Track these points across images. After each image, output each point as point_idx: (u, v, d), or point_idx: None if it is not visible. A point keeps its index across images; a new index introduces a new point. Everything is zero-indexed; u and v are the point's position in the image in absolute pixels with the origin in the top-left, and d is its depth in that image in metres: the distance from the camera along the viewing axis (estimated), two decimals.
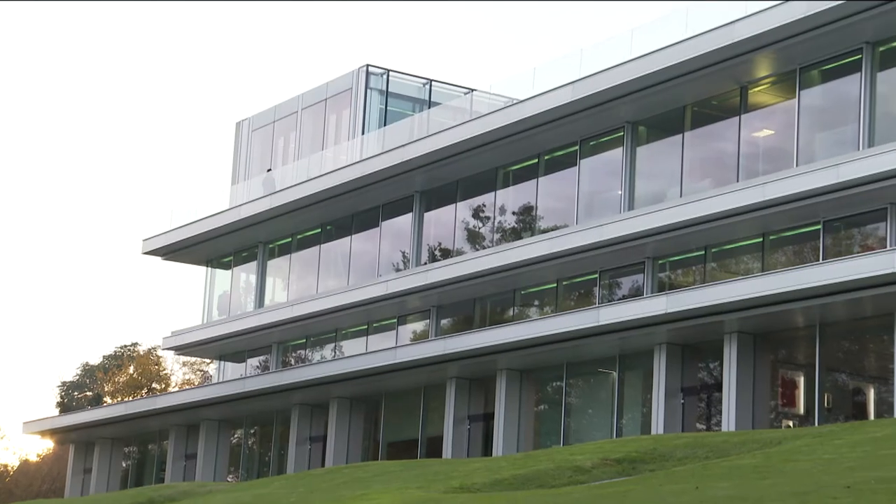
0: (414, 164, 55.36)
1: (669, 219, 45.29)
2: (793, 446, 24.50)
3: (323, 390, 59.11)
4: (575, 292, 51.30)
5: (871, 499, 15.46)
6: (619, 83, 46.33)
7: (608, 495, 21.59)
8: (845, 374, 42.41)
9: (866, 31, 40.64)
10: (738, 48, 42.85)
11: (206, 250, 69.03)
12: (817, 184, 40.82)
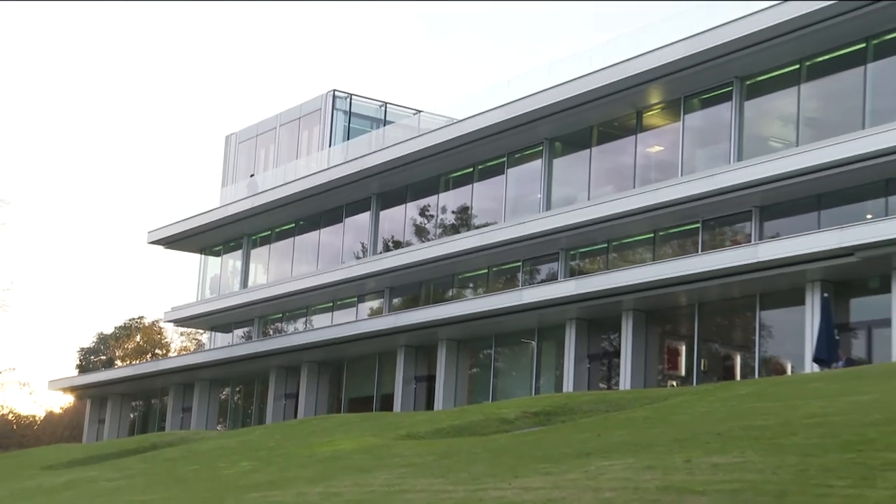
0: (371, 172, 55.37)
1: (579, 217, 45.54)
2: (676, 402, 24.65)
3: (296, 356, 59.05)
4: (502, 277, 51.38)
5: (737, 443, 15.63)
6: (540, 107, 46.47)
7: (527, 441, 21.74)
8: (717, 343, 42.74)
9: (736, 67, 41.04)
10: (634, 80, 43.16)
11: (200, 241, 68.73)
12: (697, 190, 41.21)
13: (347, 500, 16.67)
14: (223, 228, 66.05)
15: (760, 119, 42.12)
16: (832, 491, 11.58)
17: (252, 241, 66.59)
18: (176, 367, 69.18)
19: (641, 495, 12.94)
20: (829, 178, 37.68)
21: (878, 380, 22.04)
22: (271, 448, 29.41)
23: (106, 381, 73.97)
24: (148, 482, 26.70)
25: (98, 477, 30.52)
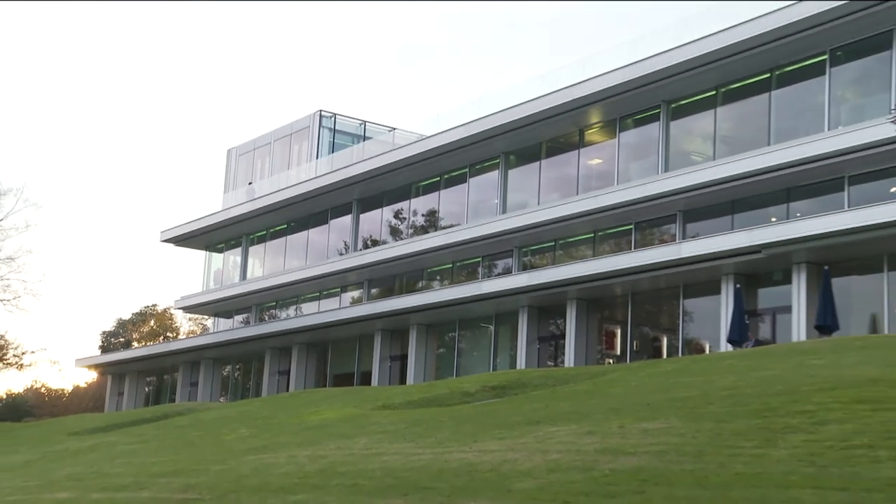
0: (353, 181, 55.28)
1: (530, 220, 45.61)
2: (612, 377, 24.73)
3: (287, 338, 58.88)
4: (464, 271, 51.35)
5: (663, 412, 15.70)
6: (497, 125, 46.48)
7: (486, 411, 21.79)
8: (647, 327, 42.83)
9: (663, 93, 41.17)
10: (577, 103, 43.23)
11: (205, 239, 68.46)
12: (630, 197, 41.35)
13: (331, 462, 16.69)
14: (225, 229, 65.85)
15: (683, 136, 42.27)
16: (742, 451, 11.70)
17: (250, 240, 66.36)
18: (184, 347, 69.01)
19: (583, 456, 13.02)
20: (741, 186, 37.93)
21: (780, 358, 22.20)
22: (266, 417, 29.39)
23: (124, 360, 73.67)
24: (160, 446, 26.65)
25: (117, 441, 30.45)
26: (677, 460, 11.80)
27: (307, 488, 14.65)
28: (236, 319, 68.00)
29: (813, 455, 10.90)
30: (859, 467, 10.07)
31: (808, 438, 11.74)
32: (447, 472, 13.70)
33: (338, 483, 14.62)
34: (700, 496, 9.99)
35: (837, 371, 17.34)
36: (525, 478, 12.32)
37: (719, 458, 11.51)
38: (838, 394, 14.38)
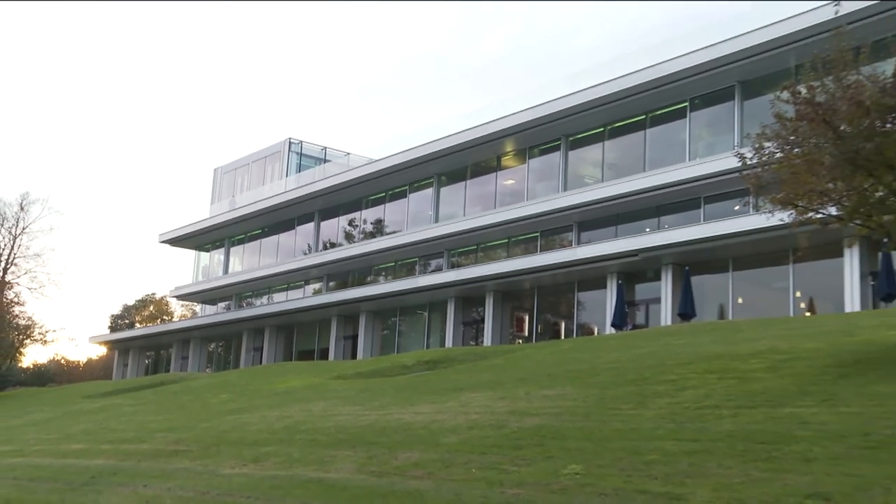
0: (315, 195, 54.94)
1: (457, 228, 45.59)
2: (521, 354, 24.85)
3: (261, 321, 58.38)
4: (405, 268, 51.22)
5: (560, 381, 15.82)
6: (432, 152, 46.38)
7: (420, 380, 21.82)
8: (549, 314, 42.88)
9: (562, 128, 41.33)
10: (495, 136, 43.25)
11: (195, 241, 67.63)
12: (537, 210, 41.48)
13: (295, 421, 16.64)
14: (211, 233, 65.15)
15: (578, 163, 42.46)
16: (620, 412, 11.84)
17: (231, 242, 65.68)
18: (177, 328, 68.24)
19: (496, 417, 13.09)
20: (623, 203, 38.24)
21: (651, 338, 22.44)
22: (243, 385, 29.19)
23: (128, 338, 72.84)
24: (157, 408, 26.42)
25: (122, 403, 30.15)
26: (570, 419, 11.91)
27: (275, 442, 14.61)
28: (219, 306, 67.28)
29: (674, 414, 11.06)
30: (707, 423, 10.26)
31: (671, 401, 11.91)
32: (388, 429, 13.72)
33: (300, 438, 14.59)
34: (587, 447, 10.10)
35: (694, 349, 17.59)
36: (450, 434, 12.37)
37: (602, 417, 11.64)
38: (694, 366, 14.59)
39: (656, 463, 8.90)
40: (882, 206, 13.36)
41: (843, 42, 13.55)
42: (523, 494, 8.70)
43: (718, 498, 7.53)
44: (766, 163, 13.99)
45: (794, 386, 11.56)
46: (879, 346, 13.71)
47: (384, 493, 9.85)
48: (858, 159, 12.77)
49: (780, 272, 33.51)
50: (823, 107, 13.03)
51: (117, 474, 14.80)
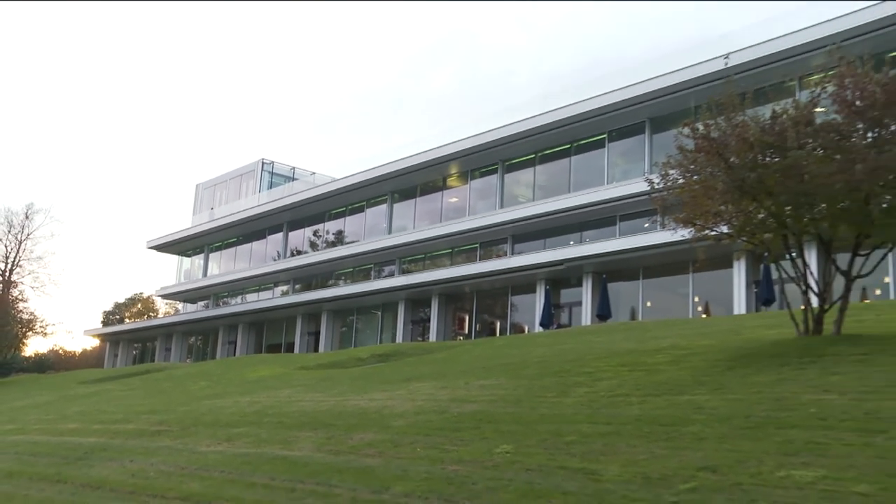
0: (284, 209, 54.60)
1: (408, 239, 45.63)
2: (461, 349, 24.88)
3: (235, 318, 57.86)
4: (361, 273, 51.06)
5: (495, 373, 15.86)
6: (387, 172, 46.39)
7: (373, 371, 21.75)
8: (487, 314, 43.05)
9: (500, 154, 41.62)
10: (442, 160, 43.45)
11: (178, 247, 66.79)
12: (477, 225, 41.67)
13: (264, 406, 16.51)
14: (193, 240, 64.41)
15: (513, 184, 42.78)
16: (546, 399, 11.90)
17: (210, 248, 64.97)
18: (161, 323, 67.34)
19: (439, 403, 13.10)
20: (551, 220, 38.53)
21: (574, 336, 22.60)
22: (219, 374, 28.88)
23: (119, 332, 71.92)
24: (144, 392, 26.05)
25: (112, 389, 29.70)
26: (503, 406, 11.96)
27: (246, 424, 14.49)
28: (199, 304, 66.50)
29: (591, 401, 11.14)
30: (619, 409, 10.35)
31: (588, 390, 11.99)
32: (345, 413, 13.68)
33: (268, 420, 14.49)
34: (517, 430, 10.15)
35: (609, 345, 17.73)
36: (399, 418, 12.36)
37: (530, 404, 11.70)
38: (609, 360, 14.71)
39: (575, 443, 8.97)
40: (763, 226, 13.66)
41: (732, 89, 13.86)
42: (461, 470, 8.74)
43: (626, 472, 7.62)
44: (671, 188, 14.21)
45: (691, 377, 11.70)
46: (760, 343, 13.97)
47: (341, 468, 9.83)
48: (745, 186, 13.03)
49: (681, 280, 33.99)
50: (717, 142, 13.28)
51: (107, 450, 14.62)
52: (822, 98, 13.27)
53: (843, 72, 13.09)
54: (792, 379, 10.27)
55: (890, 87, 12.67)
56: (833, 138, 12.69)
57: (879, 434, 7.39)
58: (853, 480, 6.36)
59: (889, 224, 12.83)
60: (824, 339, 12.92)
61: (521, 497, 7.46)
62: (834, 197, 12.61)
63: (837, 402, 8.73)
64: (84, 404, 24.86)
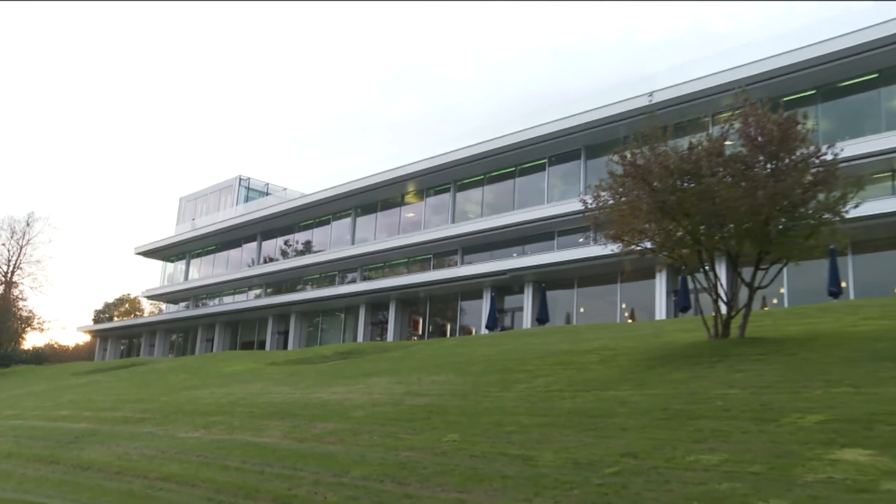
0: (258, 221, 54.04)
1: (369, 249, 45.35)
2: (415, 348, 24.86)
3: (213, 318, 57.00)
4: (327, 279, 50.73)
5: (445, 370, 15.88)
6: (351, 189, 46.16)
7: (336, 367, 21.63)
8: (438, 318, 42.95)
9: (452, 175, 41.65)
10: (400, 179, 43.30)
11: (163, 253, 65.63)
12: (431, 237, 41.63)
13: (237, 397, 16.37)
14: (176, 247, 63.39)
15: (464, 202, 42.82)
16: (489, 394, 11.97)
17: (191, 255, 63.92)
18: (146, 322, 66.05)
19: (395, 396, 13.11)
20: (497, 234, 38.67)
21: (515, 338, 22.73)
22: (197, 368, 28.51)
23: (108, 328, 70.62)
24: (130, 384, 25.64)
25: (102, 380, 29.22)
26: (451, 399, 12.00)
27: (221, 413, 14.36)
28: (180, 305, 65.37)
29: (529, 396, 11.23)
30: (554, 403, 10.44)
31: (528, 386, 12.08)
32: (310, 405, 13.62)
33: (240, 410, 14.37)
34: (464, 420, 10.20)
35: (546, 346, 17.84)
36: (358, 409, 12.35)
37: (476, 398, 11.75)
38: (546, 360, 14.83)
39: (515, 433, 9.04)
40: (681, 242, 13.90)
41: (656, 122, 14.11)
42: (413, 456, 8.77)
43: (559, 458, 7.70)
44: (602, 207, 14.38)
45: (617, 375, 11.84)
46: (677, 345, 14.20)
47: (305, 454, 9.80)
48: (666, 208, 13.25)
49: (611, 289, 34.32)
50: (642, 168, 13.50)
51: (96, 435, 14.44)
52: (731, 133, 13.62)
53: (747, 112, 13.45)
54: (703, 376, 10.47)
55: (785, 126, 13.09)
56: (739, 168, 13.03)
57: (772, 422, 7.60)
58: (749, 462, 6.53)
59: (784, 242, 13.19)
60: (731, 342, 13.19)
61: (466, 480, 7.51)
62: (740, 218, 12.93)
63: (739, 396, 8.93)
64: (76, 393, 24.49)
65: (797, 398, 8.42)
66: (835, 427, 7.11)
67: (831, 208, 12.93)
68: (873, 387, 8.40)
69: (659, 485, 6.39)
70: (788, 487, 5.83)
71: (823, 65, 28.39)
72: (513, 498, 6.77)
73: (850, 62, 28.04)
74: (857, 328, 13.55)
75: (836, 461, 6.22)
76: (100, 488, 10.41)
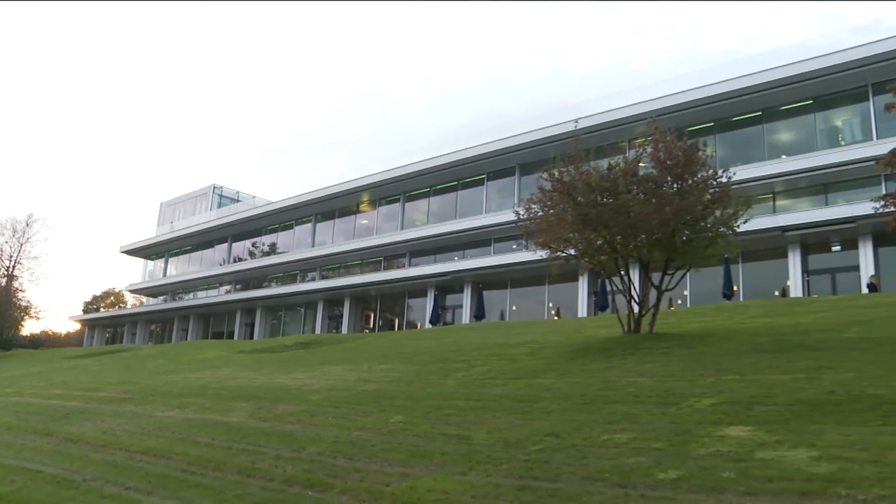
0: (229, 225, 53.20)
1: (327, 251, 44.97)
2: (367, 340, 24.73)
3: (188, 310, 55.82)
4: (289, 278, 50.15)
5: (393, 359, 15.83)
6: (312, 198, 45.83)
7: (296, 356, 21.36)
8: (388, 313, 42.86)
9: (402, 187, 41.56)
10: (356, 190, 43.12)
11: (145, 252, 64.02)
12: (382, 242, 41.49)
13: (208, 381, 16.07)
14: (156, 247, 61.97)
15: (413, 211, 42.80)
16: (431, 381, 11.96)
17: (170, 254, 62.51)
18: (129, 313, 64.70)
19: (348, 382, 13.01)
20: (441, 240, 38.71)
21: (455, 332, 22.78)
22: (173, 355, 27.89)
23: (95, 318, 69.17)
24: (114, 367, 25.02)
25: (90, 364, 28.51)
26: (397, 386, 11.96)
27: (193, 395, 14.09)
28: (160, 298, 63.91)
29: (466, 383, 11.25)
30: (488, 389, 10.47)
31: (465, 375, 12.09)
32: (272, 389, 13.44)
33: (210, 392, 14.12)
34: (408, 404, 10.17)
35: (482, 340, 17.89)
36: (315, 393, 12.23)
37: (420, 385, 11.73)
38: (482, 351, 14.87)
39: (452, 415, 9.04)
40: (600, 250, 14.09)
41: (580, 145, 14.29)
42: (363, 435, 8.73)
43: (491, 437, 7.73)
44: (532, 218, 14.46)
45: (544, 365, 11.93)
46: (595, 339, 14.39)
47: (267, 432, 9.67)
48: (587, 220, 13.42)
49: (540, 290, 34.68)
50: (568, 185, 13.64)
51: (84, 412, 14.16)
52: (644, 156, 13.89)
53: (657, 138, 13.75)
54: (617, 367, 10.63)
55: (688, 151, 13.42)
56: (650, 186, 13.29)
57: (673, 406, 7.77)
58: (653, 440, 6.66)
59: (687, 251, 13.50)
60: (641, 337, 13.43)
61: (410, 457, 7.50)
62: (651, 230, 13.18)
63: (647, 384, 9.10)
64: (67, 375, 24.02)
65: (694, 385, 8.62)
66: (723, 409, 7.32)
67: (726, 223, 13.30)
68: (755, 374, 8.67)
69: (577, 460, 6.47)
70: (684, 460, 5.98)
71: (720, 102, 29.27)
72: (450, 472, 6.78)
73: (740, 101, 28.97)
74: (744, 325, 13.93)
75: (723, 437, 6.40)
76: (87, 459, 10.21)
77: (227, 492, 7.44)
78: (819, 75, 26.88)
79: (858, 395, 7.14)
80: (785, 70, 27.39)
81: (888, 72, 24.80)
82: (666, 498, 5.33)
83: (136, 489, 8.24)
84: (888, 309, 13.86)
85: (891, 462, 5.29)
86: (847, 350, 9.51)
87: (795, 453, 5.71)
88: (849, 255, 26.27)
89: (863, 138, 27.03)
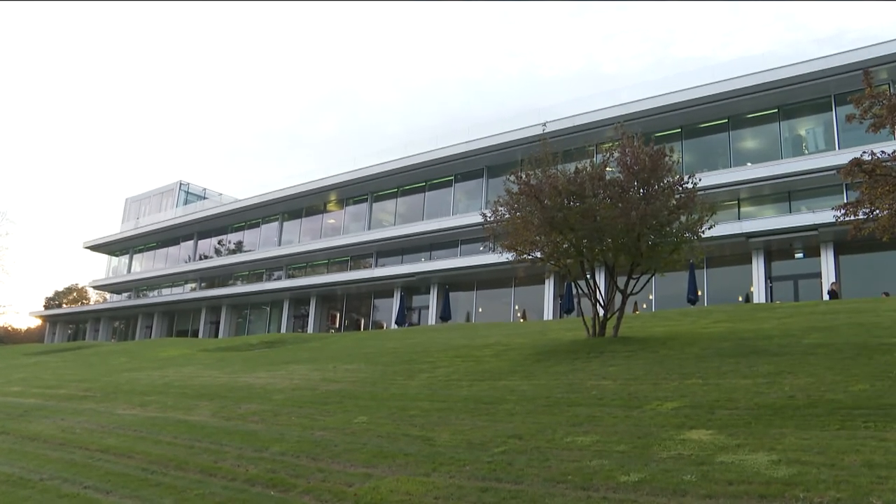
0: (195, 222, 52.48)
1: (294, 250, 44.65)
2: (332, 339, 24.62)
3: (152, 308, 54.90)
4: (255, 276, 49.62)
5: (357, 359, 15.76)
6: (279, 197, 45.46)
7: (261, 355, 21.18)
8: (354, 313, 42.65)
9: (370, 188, 41.44)
10: (323, 190, 42.90)
11: (109, 248, 62.85)
12: (349, 241, 41.32)
13: (171, 379, 15.85)
14: (121, 243, 60.89)
15: (380, 212, 42.71)
16: (396, 382, 11.95)
17: (135, 250, 61.49)
18: (92, 309, 63.49)
19: (312, 382, 12.94)
20: (407, 241, 38.69)
21: (421, 333, 22.79)
22: (136, 352, 27.45)
23: (57, 314, 67.71)
24: (75, 364, 24.54)
25: (50, 360, 27.90)
26: (362, 386, 11.93)
27: (156, 393, 13.88)
28: (123, 295, 62.83)
29: (431, 384, 11.25)
30: (452, 390, 10.49)
31: (430, 376, 12.10)
32: (236, 388, 13.30)
33: (174, 391, 13.92)
34: (372, 405, 10.15)
35: (448, 341, 17.94)
36: (279, 393, 12.13)
37: (384, 385, 11.71)
38: (447, 353, 14.90)
39: (417, 416, 9.03)
40: (567, 253, 14.21)
41: (548, 149, 14.40)
42: (326, 435, 8.68)
43: (455, 438, 7.74)
44: (499, 221, 14.52)
45: (509, 367, 11.98)
46: (560, 342, 14.51)
47: (230, 431, 9.56)
48: (554, 223, 13.53)
49: (506, 292, 34.84)
50: (535, 188, 13.74)
51: (43, 410, 13.83)
52: (611, 161, 14.04)
53: (624, 143, 13.92)
54: (581, 369, 10.72)
55: (655, 157, 13.61)
56: (617, 191, 13.45)
57: (636, 409, 7.86)
58: (616, 442, 6.73)
59: (653, 256, 13.68)
60: (606, 340, 13.57)
61: (373, 457, 7.47)
62: (616, 234, 13.33)
63: (611, 387, 9.19)
64: (26, 372, 23.51)
65: (657, 388, 8.73)
66: (686, 412, 7.42)
67: (691, 228, 13.52)
68: (717, 379, 8.81)
69: (540, 462, 6.51)
70: (646, 463, 6.05)
71: (687, 108, 29.73)
72: (413, 472, 6.77)
73: (707, 108, 29.47)
74: (707, 330, 14.16)
75: (685, 440, 6.49)
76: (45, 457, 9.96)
77: (189, 491, 7.33)
78: (784, 85, 27.47)
79: (817, 399, 7.30)
80: (751, 79, 27.94)
81: (850, 83, 25.41)
82: (628, 500, 5.38)
83: (94, 488, 8.08)
84: (847, 315, 14.20)
85: (847, 465, 5.42)
86: (807, 355, 9.72)
87: (755, 457, 5.82)
88: (811, 262, 26.88)
89: (826, 147, 27.69)
